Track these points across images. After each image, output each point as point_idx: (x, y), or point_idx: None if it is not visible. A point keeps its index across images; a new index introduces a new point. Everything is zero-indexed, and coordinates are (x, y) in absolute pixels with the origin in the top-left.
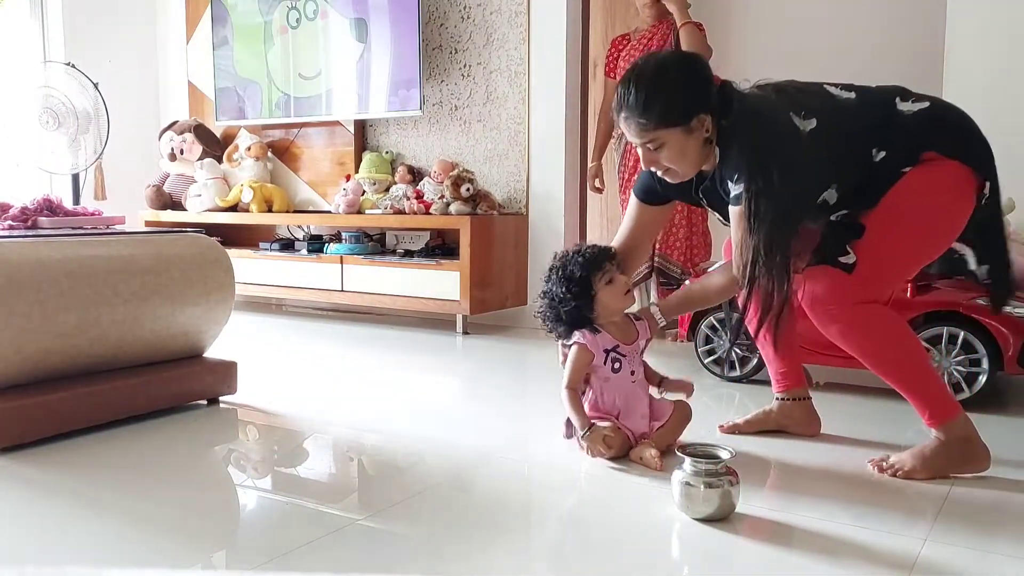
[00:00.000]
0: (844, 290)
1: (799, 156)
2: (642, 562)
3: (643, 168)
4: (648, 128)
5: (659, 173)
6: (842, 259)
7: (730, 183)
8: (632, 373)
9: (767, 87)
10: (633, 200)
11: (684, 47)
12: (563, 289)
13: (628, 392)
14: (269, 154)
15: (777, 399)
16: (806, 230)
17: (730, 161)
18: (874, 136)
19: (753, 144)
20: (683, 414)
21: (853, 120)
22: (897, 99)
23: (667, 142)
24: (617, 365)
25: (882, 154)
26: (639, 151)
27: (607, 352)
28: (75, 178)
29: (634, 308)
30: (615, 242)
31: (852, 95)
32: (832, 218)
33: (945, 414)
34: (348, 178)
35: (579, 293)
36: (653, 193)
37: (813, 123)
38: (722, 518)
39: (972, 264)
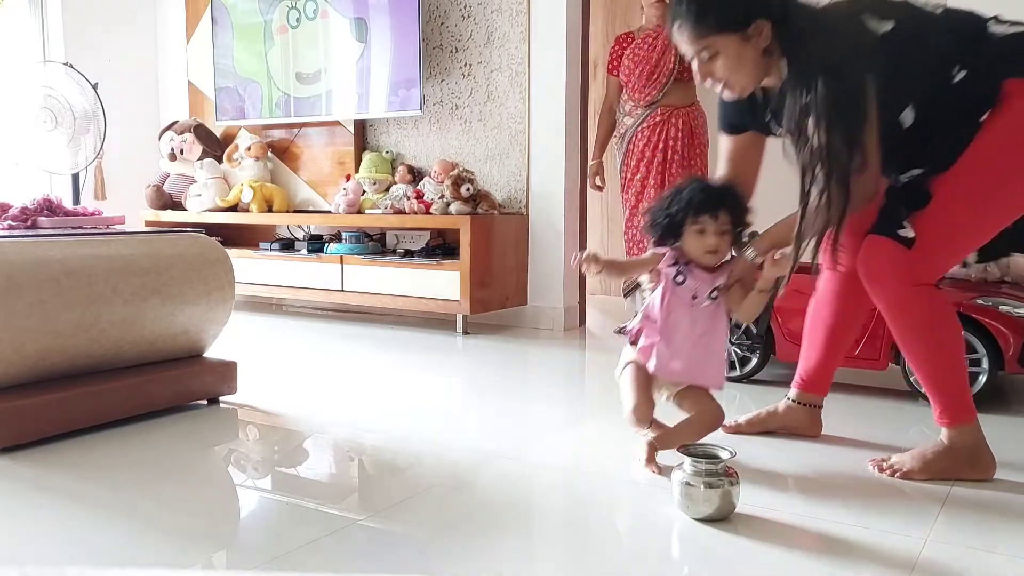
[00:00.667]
0: (899, 268)
1: (869, 60)
2: (642, 562)
3: (700, 83)
4: (702, 35)
5: (716, 89)
6: (901, 232)
7: (790, 96)
8: (694, 298)
9: None
10: (722, 137)
11: None
12: (662, 213)
13: (680, 312)
14: (269, 154)
15: (788, 399)
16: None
17: (792, 71)
18: (957, 52)
19: (816, 48)
20: (708, 418)
21: (936, 30)
22: (991, 22)
23: (722, 50)
24: (681, 278)
25: (962, 74)
26: (694, 65)
27: (678, 262)
28: (75, 178)
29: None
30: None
31: (940, 10)
32: (903, 178)
33: (960, 416)
34: (348, 178)
35: (668, 226)
36: (731, 124)
37: (889, 25)
38: (722, 518)
39: None
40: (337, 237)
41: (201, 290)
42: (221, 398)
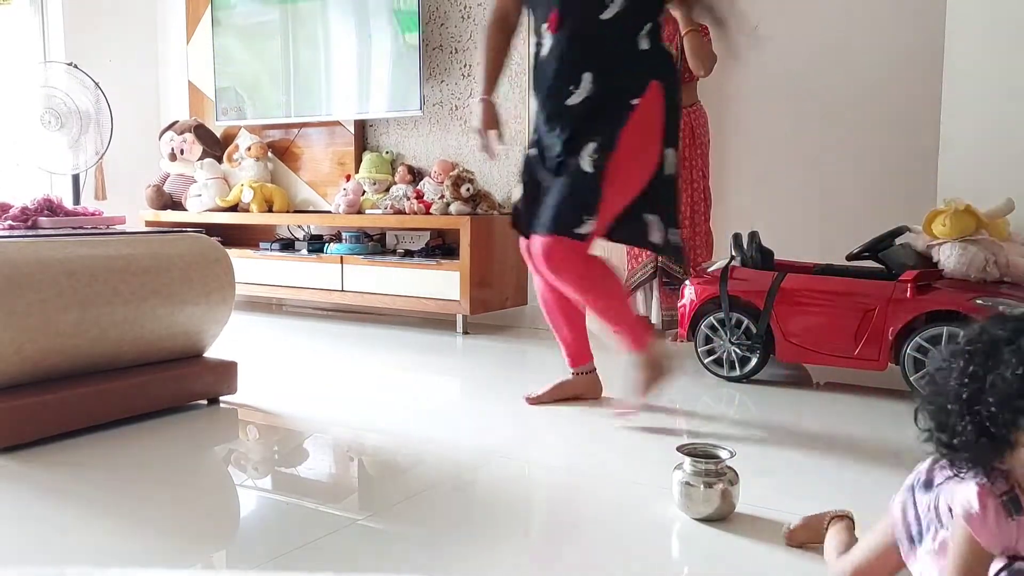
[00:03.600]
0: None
1: None
2: (642, 562)
3: None
4: None
5: None
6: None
7: None
8: None
9: None
10: None
11: (688, 52)
12: (962, 403)
13: None
14: (269, 154)
15: (573, 373)
16: None
17: None
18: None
19: None
20: None
21: None
22: None
23: None
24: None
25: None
26: None
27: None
28: (75, 178)
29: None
30: None
31: None
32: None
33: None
34: (348, 178)
35: (981, 431)
36: None
37: None
38: (722, 518)
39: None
40: (337, 237)
41: (201, 290)
42: (221, 398)
